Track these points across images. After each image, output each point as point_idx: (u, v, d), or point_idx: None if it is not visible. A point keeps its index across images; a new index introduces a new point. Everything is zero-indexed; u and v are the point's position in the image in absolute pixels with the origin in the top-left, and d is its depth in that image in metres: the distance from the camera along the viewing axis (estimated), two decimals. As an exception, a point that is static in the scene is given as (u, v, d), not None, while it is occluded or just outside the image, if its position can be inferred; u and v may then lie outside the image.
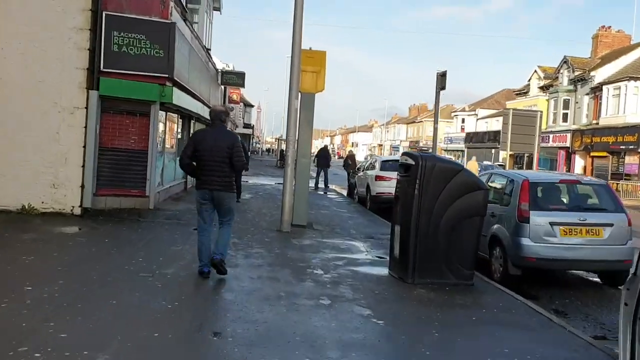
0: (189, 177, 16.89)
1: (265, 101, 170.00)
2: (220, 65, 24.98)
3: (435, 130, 19.53)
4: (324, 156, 25.25)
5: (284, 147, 42.71)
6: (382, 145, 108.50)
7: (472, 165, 35.40)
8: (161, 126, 14.33)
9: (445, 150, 69.86)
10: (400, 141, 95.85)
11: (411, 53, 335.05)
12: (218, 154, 6.82)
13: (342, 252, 9.64)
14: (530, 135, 45.16)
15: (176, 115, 16.40)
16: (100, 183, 12.31)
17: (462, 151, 64.61)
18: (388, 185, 17.11)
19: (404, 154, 8.78)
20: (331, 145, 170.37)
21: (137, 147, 12.62)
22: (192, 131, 18.26)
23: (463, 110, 69.15)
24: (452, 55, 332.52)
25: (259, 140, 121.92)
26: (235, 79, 25.15)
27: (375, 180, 17.48)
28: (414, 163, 7.84)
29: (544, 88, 51.35)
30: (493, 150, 57.56)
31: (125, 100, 12.27)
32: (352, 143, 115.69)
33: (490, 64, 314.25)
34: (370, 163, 19.86)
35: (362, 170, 20.46)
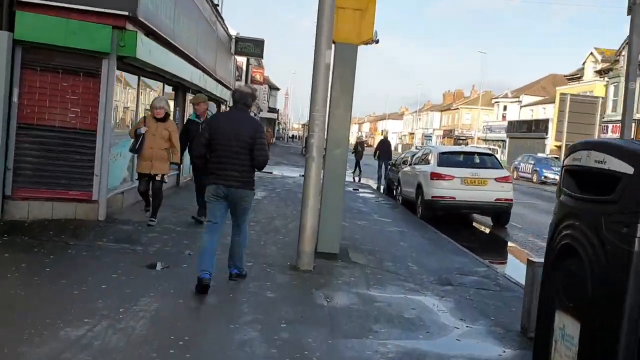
0: (184, 166, 12.46)
1: (293, 85, 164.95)
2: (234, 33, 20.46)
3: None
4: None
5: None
6: (413, 133, 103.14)
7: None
8: (125, 94, 9.90)
9: (484, 140, 64.54)
10: (434, 129, 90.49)
11: (446, 40, 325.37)
12: (238, 144, 5.64)
13: (412, 332, 5.03)
14: (589, 124, 39.97)
15: (160, 83, 11.90)
16: (19, 180, 7.93)
17: (503, 141, 59.25)
18: (448, 187, 12.59)
19: (593, 145, 3.86)
20: (359, 133, 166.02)
21: (81, 126, 8.17)
22: (187, 107, 13.79)
23: (505, 96, 63.56)
24: (491, 42, 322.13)
25: (285, 127, 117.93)
26: (252, 47, 20.57)
27: (431, 179, 12.80)
28: (629, 171, 3.12)
29: (601, 72, 45.77)
30: (538, 141, 52.30)
31: (60, 51, 7.84)
32: (382, 131, 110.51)
33: (531, 50, 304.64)
34: (422, 155, 15.09)
35: (410, 164, 15.78)
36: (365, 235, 9.69)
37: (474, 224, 14.03)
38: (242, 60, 42.84)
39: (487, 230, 13.44)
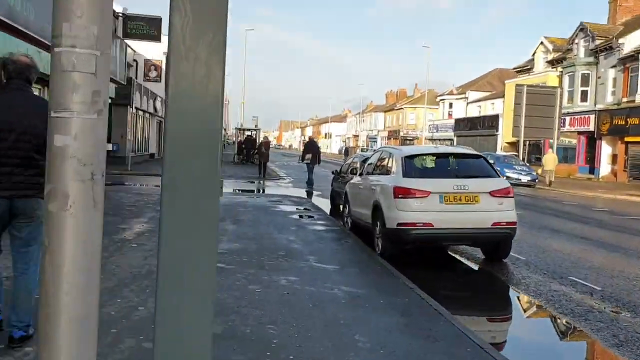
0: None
1: (228, 89, 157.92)
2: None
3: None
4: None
5: (243, 138, 32.71)
6: (357, 136, 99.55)
7: (551, 159, 27.21)
8: None
9: (430, 139, 61.25)
10: (378, 131, 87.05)
11: (385, 42, 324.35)
12: (25, 137, 4.04)
13: None
14: (548, 117, 36.77)
15: None
16: None
17: (451, 140, 56.06)
18: (422, 208, 8.19)
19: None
20: (302, 137, 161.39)
21: None
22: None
23: (450, 93, 60.48)
24: (430, 42, 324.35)
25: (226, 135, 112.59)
26: (146, 28, 15.73)
27: (395, 196, 8.32)
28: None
29: (553, 62, 42.94)
30: (488, 139, 49.23)
31: None
32: (325, 134, 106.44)
33: (473, 47, 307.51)
34: (379, 160, 10.51)
35: (361, 174, 11.28)
36: (286, 324, 5.02)
37: (459, 257, 9.66)
38: (156, 50, 37.58)
39: (477, 267, 9.12)
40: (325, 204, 16.08)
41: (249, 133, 41.10)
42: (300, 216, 12.65)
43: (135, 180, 20.04)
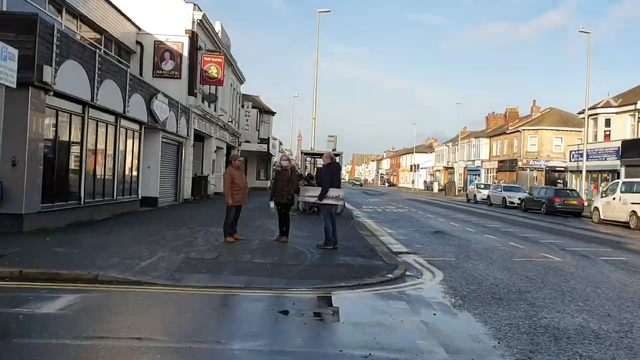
0: None
1: (298, 114, 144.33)
2: None
3: None
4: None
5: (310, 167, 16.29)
6: (450, 167, 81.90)
7: None
8: None
9: (574, 171, 43.32)
10: (482, 161, 69.15)
11: (457, 77, 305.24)
12: None
13: None
14: None
15: None
16: None
17: (613, 171, 38.01)
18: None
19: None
20: (379, 171, 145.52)
21: None
22: None
23: (606, 105, 42.37)
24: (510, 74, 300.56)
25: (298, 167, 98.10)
26: None
27: None
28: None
29: None
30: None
31: None
32: (411, 166, 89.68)
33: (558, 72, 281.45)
34: None
35: None
36: None
37: None
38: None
39: None
40: None
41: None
42: None
43: None
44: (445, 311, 7.46)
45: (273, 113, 55.00)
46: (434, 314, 7.23)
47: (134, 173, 19.04)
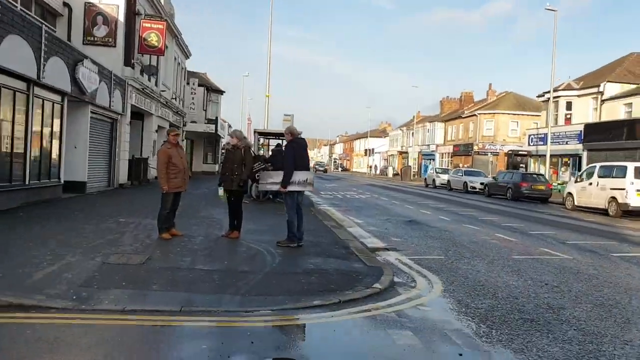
0: None
1: (244, 92, 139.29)
2: None
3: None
4: None
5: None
6: (405, 152, 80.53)
7: None
8: None
9: (534, 155, 42.22)
10: (437, 146, 67.86)
11: (408, 62, 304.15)
12: None
13: None
14: None
15: None
16: None
17: (574, 156, 37.06)
18: None
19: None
20: (332, 155, 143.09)
21: None
22: None
23: (568, 88, 41.24)
24: (457, 61, 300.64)
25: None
26: None
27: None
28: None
29: None
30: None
31: None
32: (366, 151, 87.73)
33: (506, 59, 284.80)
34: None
35: None
36: None
37: None
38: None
39: None
40: None
41: (279, 141, 21.93)
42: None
43: None
44: (473, 347, 5.13)
45: (222, 92, 51.79)
46: (460, 355, 4.90)
47: (55, 153, 15.97)
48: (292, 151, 9.68)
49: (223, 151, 58.37)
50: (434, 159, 67.90)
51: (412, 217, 17.10)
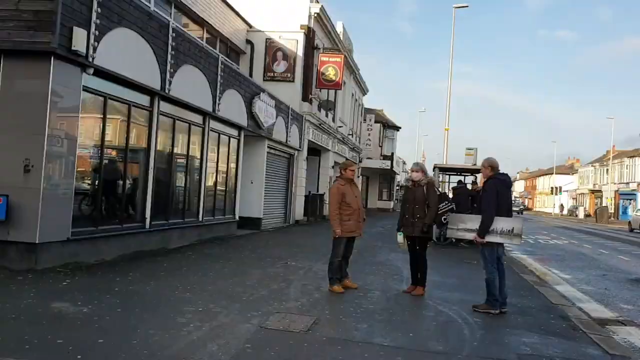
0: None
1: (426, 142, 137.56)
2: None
3: None
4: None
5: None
6: (598, 191, 72.30)
7: None
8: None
9: None
10: (638, 184, 59.66)
11: (592, 95, 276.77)
12: None
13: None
14: None
15: None
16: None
17: None
18: None
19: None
20: (514, 193, 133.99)
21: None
22: None
23: None
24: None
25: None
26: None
27: None
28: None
29: None
30: None
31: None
32: (552, 189, 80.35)
33: None
34: None
35: None
36: None
37: None
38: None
39: None
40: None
41: (460, 178, 19.85)
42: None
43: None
44: None
45: (398, 128, 50.58)
46: None
47: (230, 188, 15.58)
48: (494, 190, 7.65)
49: (397, 187, 57.05)
50: (635, 199, 59.68)
51: (637, 272, 13.81)
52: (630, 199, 61.47)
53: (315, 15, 22.53)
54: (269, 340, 5.56)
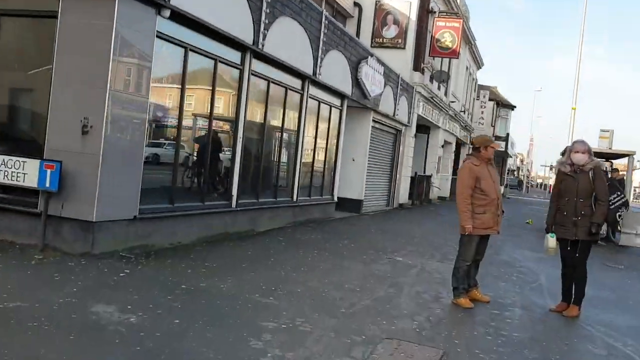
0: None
1: (537, 114, 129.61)
2: None
3: None
4: None
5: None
6: None
7: None
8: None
9: None
10: None
11: None
12: None
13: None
14: None
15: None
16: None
17: None
18: None
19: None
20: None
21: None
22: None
23: None
24: None
25: (529, 174, 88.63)
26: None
27: None
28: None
29: None
30: None
31: None
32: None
33: None
34: None
35: None
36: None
37: None
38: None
39: None
40: None
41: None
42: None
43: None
44: None
45: (513, 107, 46.73)
46: None
47: (330, 165, 13.87)
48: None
49: (512, 172, 52.38)
50: None
51: None
52: None
53: (432, -26, 20.12)
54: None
